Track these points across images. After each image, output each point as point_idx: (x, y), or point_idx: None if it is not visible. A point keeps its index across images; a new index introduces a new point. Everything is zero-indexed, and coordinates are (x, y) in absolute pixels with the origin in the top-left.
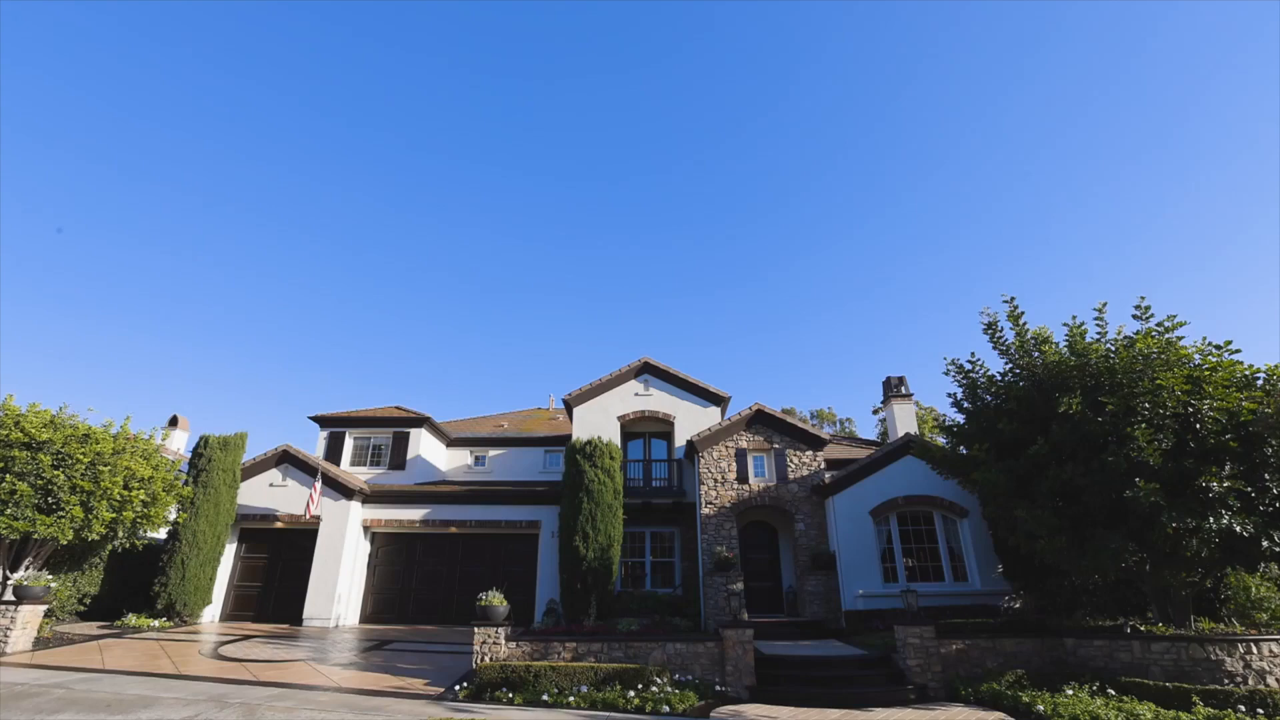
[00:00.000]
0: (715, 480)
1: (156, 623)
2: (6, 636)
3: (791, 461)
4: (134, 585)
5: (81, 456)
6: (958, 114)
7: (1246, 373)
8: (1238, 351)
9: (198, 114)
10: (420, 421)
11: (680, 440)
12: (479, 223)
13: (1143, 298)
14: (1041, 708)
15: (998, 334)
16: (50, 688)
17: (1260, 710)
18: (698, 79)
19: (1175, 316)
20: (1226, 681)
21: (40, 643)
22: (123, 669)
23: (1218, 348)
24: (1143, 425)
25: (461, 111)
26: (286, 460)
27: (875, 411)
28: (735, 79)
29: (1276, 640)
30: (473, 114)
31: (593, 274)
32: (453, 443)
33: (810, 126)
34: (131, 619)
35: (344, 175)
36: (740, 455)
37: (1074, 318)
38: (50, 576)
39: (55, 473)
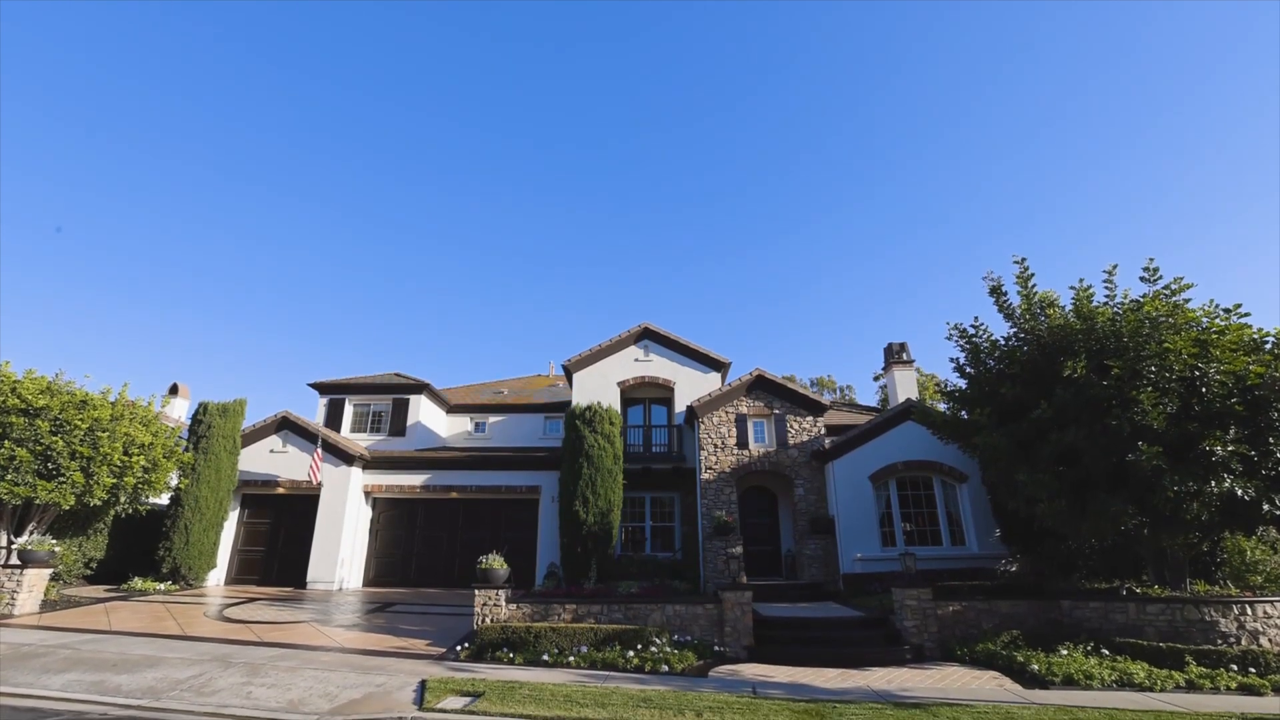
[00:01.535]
0: (715, 445)
1: (162, 586)
2: (14, 599)
3: (792, 427)
4: (139, 550)
5: (79, 423)
6: (962, 82)
7: (1255, 336)
8: (1246, 315)
9: (194, 82)
10: (420, 388)
11: (680, 406)
12: (477, 190)
13: (1151, 259)
14: (1036, 667)
15: (1002, 298)
16: (56, 648)
17: (1252, 669)
18: (698, 43)
19: (1182, 279)
20: (1220, 642)
21: (47, 605)
22: (128, 630)
23: (1226, 311)
24: (1148, 389)
25: (460, 77)
26: (286, 427)
27: (876, 378)
28: (737, 42)
29: (1270, 602)
30: (472, 79)
31: (592, 242)
32: (453, 409)
33: (811, 96)
34: (137, 582)
35: (342, 142)
36: (740, 421)
37: (1081, 280)
38: (54, 541)
39: (54, 439)
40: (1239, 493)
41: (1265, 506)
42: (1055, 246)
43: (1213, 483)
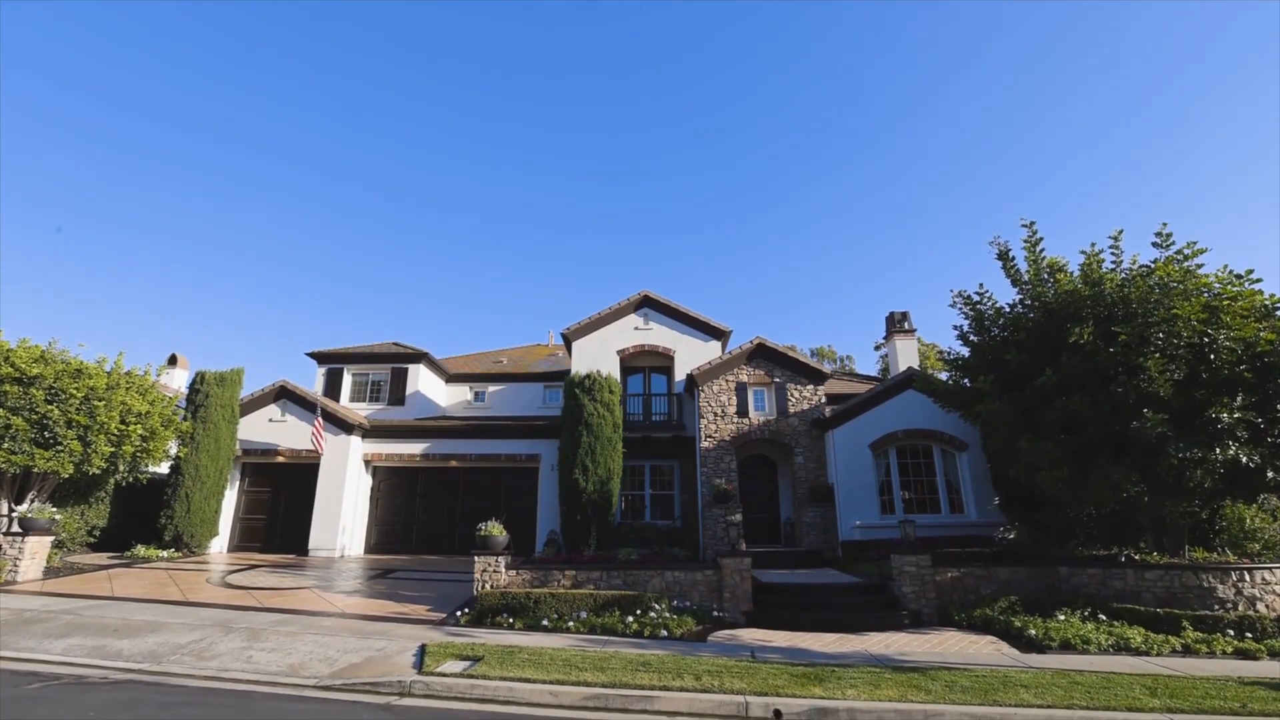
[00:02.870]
0: (715, 414)
1: (165, 553)
2: (16, 566)
3: (792, 396)
4: (142, 518)
5: (75, 392)
6: (965, 47)
7: (1266, 303)
8: (1259, 281)
9: (193, 50)
10: (418, 357)
11: (680, 375)
12: (477, 158)
13: (1165, 224)
14: (1033, 632)
15: (1010, 263)
16: (59, 613)
17: (1249, 634)
18: (695, 6)
19: (1196, 243)
20: (1217, 608)
21: (50, 572)
22: (130, 596)
23: (1238, 277)
24: (1156, 355)
25: (456, 43)
26: (284, 396)
27: (877, 347)
28: (733, 5)
29: (1269, 569)
30: (469, 46)
31: (592, 210)
32: (452, 378)
33: (810, 64)
34: (140, 550)
35: (341, 110)
36: (740, 389)
37: (1093, 245)
38: (55, 509)
39: (49, 408)
40: (1244, 459)
41: (1269, 474)
42: (1061, 218)
43: (1217, 450)
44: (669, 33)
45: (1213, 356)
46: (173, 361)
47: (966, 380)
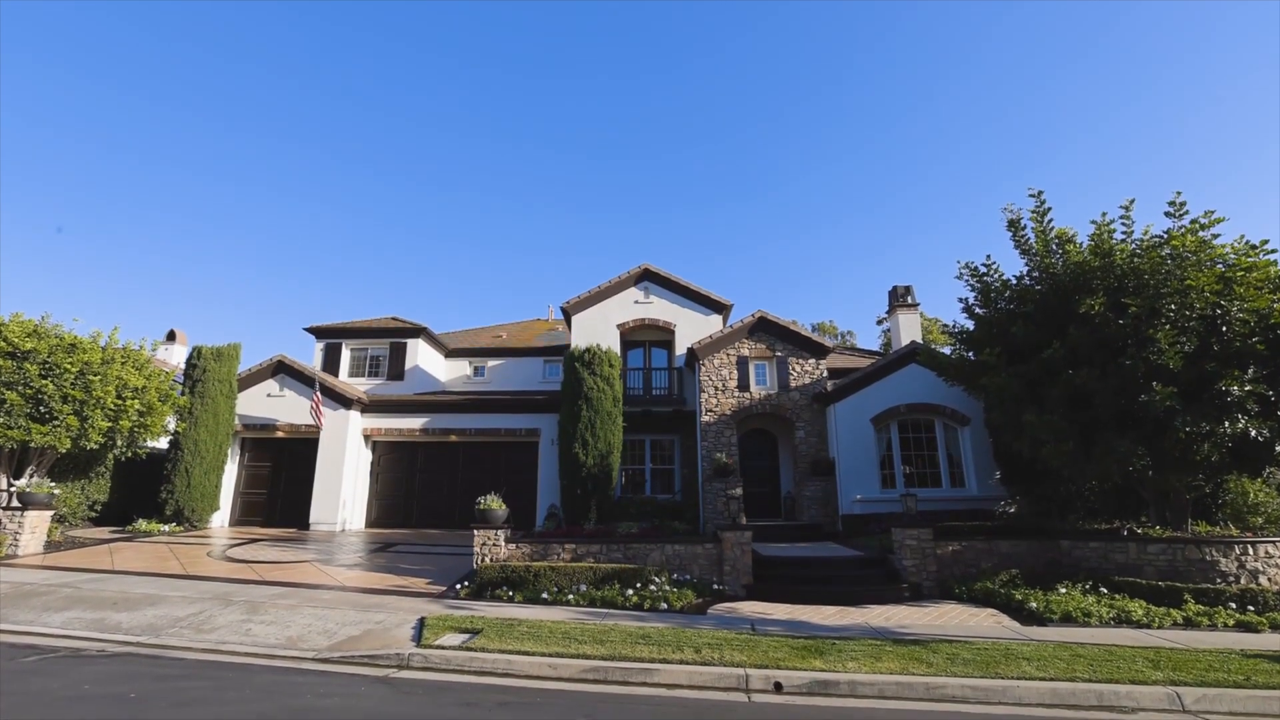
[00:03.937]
0: (716, 388)
1: (166, 528)
2: (16, 540)
3: (793, 370)
4: (143, 492)
5: (69, 366)
6: (968, 20)
7: None
8: (1274, 252)
9: (194, 25)
10: (417, 332)
11: (681, 349)
12: (476, 133)
13: (1178, 193)
14: (1035, 605)
15: (1020, 232)
16: (58, 587)
17: (1250, 607)
18: None
19: (1213, 212)
20: (1219, 581)
21: (51, 546)
22: (131, 570)
23: (1253, 247)
24: (1166, 327)
25: (455, 17)
26: (283, 370)
27: (879, 322)
28: None
29: (1273, 542)
30: (466, 18)
31: (593, 185)
32: (451, 353)
33: (810, 39)
34: (142, 524)
35: (339, 84)
36: (742, 363)
37: (1104, 215)
38: (54, 484)
39: (44, 382)
40: (1253, 433)
41: (1278, 447)
42: (1067, 195)
43: (1226, 423)
44: (668, 8)
45: (1225, 328)
46: (171, 337)
47: (971, 354)
